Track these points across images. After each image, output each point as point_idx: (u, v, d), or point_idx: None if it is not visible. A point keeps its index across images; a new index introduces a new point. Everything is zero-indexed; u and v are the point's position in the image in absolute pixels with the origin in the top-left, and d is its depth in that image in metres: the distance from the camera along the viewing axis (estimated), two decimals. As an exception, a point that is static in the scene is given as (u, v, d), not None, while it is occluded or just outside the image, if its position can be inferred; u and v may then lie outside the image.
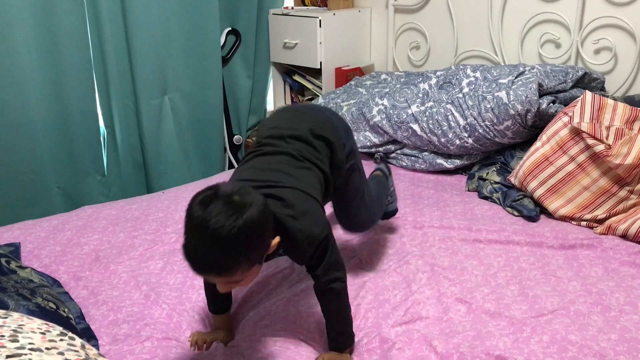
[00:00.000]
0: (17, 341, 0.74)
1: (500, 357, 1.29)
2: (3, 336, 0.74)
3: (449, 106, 2.36)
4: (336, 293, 1.35)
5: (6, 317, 0.80)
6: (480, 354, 1.31)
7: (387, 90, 2.62)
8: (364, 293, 1.58)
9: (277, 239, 1.24)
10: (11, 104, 2.37)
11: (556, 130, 2.01)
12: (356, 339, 1.40)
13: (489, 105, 2.23)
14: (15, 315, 0.82)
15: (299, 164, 1.38)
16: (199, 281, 1.62)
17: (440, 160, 2.43)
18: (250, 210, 1.13)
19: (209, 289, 1.42)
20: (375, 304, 1.53)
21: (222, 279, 1.18)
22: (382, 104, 2.53)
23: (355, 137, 2.57)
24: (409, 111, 2.44)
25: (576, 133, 1.94)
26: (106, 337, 1.42)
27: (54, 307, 1.38)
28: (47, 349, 0.76)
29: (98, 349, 1.38)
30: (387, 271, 1.68)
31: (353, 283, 1.64)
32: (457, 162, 2.40)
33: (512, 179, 2.13)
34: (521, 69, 2.28)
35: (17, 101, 2.38)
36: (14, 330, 0.76)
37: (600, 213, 1.91)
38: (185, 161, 2.97)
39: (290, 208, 1.27)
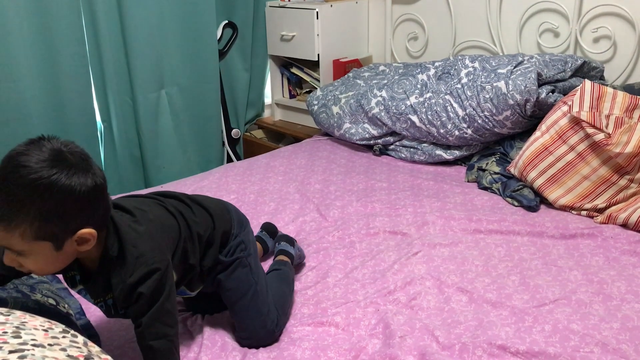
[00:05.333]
0: (20, 337, 0.74)
1: (502, 347, 1.30)
2: (6, 332, 0.74)
3: (447, 97, 2.35)
4: (159, 354, 1.11)
5: (9, 315, 0.79)
6: (482, 343, 1.31)
7: (386, 81, 2.61)
8: (366, 282, 1.58)
9: (90, 231, 1.03)
10: (7, 100, 2.36)
11: (555, 119, 2.01)
12: (359, 322, 1.40)
13: (487, 96, 2.22)
14: (18, 313, 0.81)
15: (165, 211, 1.27)
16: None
17: (439, 152, 2.42)
18: (79, 174, 0.99)
19: None
20: (375, 294, 1.52)
21: None
22: (381, 96, 2.52)
23: (354, 129, 2.59)
24: (408, 102, 2.44)
25: (576, 122, 1.94)
26: (107, 332, 1.42)
27: (54, 303, 1.37)
28: (50, 345, 0.76)
29: (100, 345, 1.38)
30: (387, 262, 1.68)
31: (353, 271, 1.64)
32: (457, 153, 2.40)
33: (512, 169, 2.12)
34: (520, 59, 2.27)
35: (13, 97, 2.37)
36: (17, 327, 0.76)
37: (600, 202, 1.91)
38: (183, 155, 2.96)
39: (137, 224, 1.15)
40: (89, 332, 1.41)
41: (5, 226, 0.96)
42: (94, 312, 1.50)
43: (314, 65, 3.08)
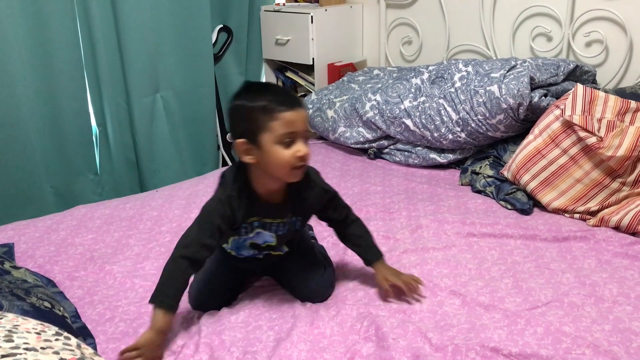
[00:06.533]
0: (12, 341, 0.74)
1: (495, 349, 1.30)
2: (-2, 336, 0.74)
3: (441, 101, 2.36)
4: (357, 219, 1.59)
5: (1, 318, 0.80)
6: (475, 346, 1.31)
7: (380, 85, 2.62)
8: (356, 287, 1.59)
9: None
10: (2, 104, 2.36)
11: (548, 123, 2.02)
12: (353, 325, 1.41)
13: (481, 100, 2.24)
14: (10, 315, 0.82)
15: None
16: (194, 279, 1.62)
17: (433, 155, 2.43)
18: None
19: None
20: (366, 298, 1.53)
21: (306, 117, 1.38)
22: (375, 100, 2.53)
23: (348, 133, 2.61)
24: (402, 106, 2.45)
25: (568, 126, 1.95)
26: (103, 335, 1.42)
27: (49, 306, 1.38)
28: (42, 348, 0.76)
29: (95, 348, 1.38)
30: (381, 266, 1.68)
31: (345, 278, 1.64)
32: (451, 156, 2.41)
33: (505, 173, 2.13)
34: (513, 63, 2.29)
35: (8, 101, 2.37)
36: (9, 331, 0.76)
37: (593, 205, 1.92)
38: (178, 159, 2.97)
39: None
40: (85, 335, 1.41)
41: (305, 109, 1.38)
42: (89, 316, 1.50)
43: (308, 69, 3.09)
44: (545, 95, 2.21)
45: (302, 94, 3.21)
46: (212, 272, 1.54)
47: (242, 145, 1.36)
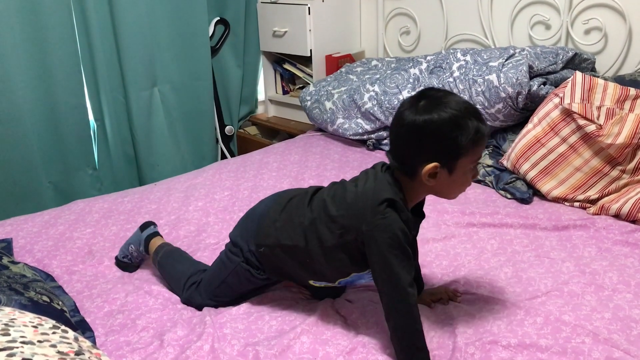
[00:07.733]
0: (9, 335, 0.74)
1: (494, 342, 1.29)
2: (-6, 330, 0.74)
3: (440, 91, 2.35)
4: None
5: (-3, 312, 0.79)
6: (474, 337, 1.31)
7: (378, 76, 2.61)
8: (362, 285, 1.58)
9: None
10: (-1, 100, 2.36)
11: (547, 111, 2.01)
12: (357, 319, 1.41)
13: (479, 89, 2.23)
14: (7, 309, 0.81)
15: None
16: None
17: (432, 145, 2.42)
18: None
19: None
20: (369, 290, 1.53)
21: None
22: (373, 90, 2.52)
23: (347, 125, 2.60)
24: (400, 97, 2.44)
25: (567, 114, 1.94)
26: (102, 328, 1.42)
27: (48, 300, 1.38)
28: (39, 341, 0.76)
29: (94, 341, 1.38)
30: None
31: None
32: (450, 146, 2.40)
33: (505, 162, 2.13)
34: (511, 52, 2.27)
35: (5, 97, 2.36)
36: (6, 324, 0.76)
37: (592, 193, 1.91)
38: (176, 153, 2.96)
39: None
40: (84, 328, 1.41)
41: None
42: (87, 309, 1.50)
43: (306, 61, 3.08)
44: (544, 84, 2.20)
45: (300, 85, 3.20)
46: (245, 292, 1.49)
47: (433, 169, 1.18)
